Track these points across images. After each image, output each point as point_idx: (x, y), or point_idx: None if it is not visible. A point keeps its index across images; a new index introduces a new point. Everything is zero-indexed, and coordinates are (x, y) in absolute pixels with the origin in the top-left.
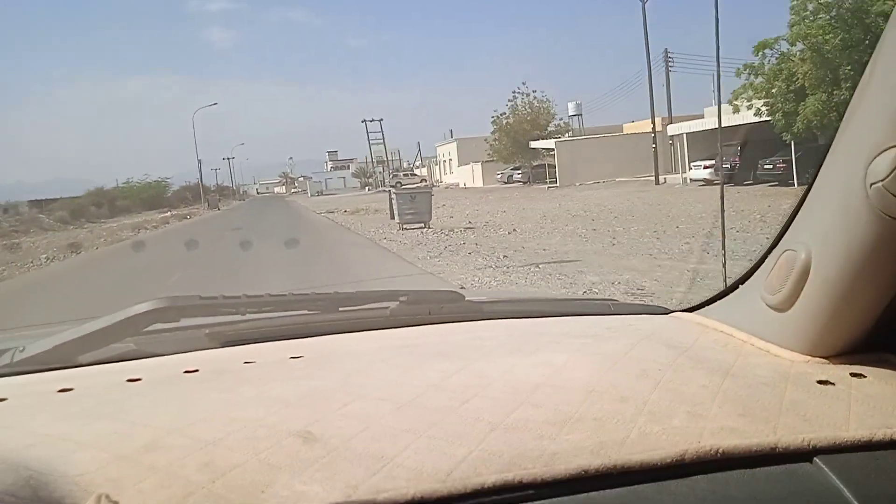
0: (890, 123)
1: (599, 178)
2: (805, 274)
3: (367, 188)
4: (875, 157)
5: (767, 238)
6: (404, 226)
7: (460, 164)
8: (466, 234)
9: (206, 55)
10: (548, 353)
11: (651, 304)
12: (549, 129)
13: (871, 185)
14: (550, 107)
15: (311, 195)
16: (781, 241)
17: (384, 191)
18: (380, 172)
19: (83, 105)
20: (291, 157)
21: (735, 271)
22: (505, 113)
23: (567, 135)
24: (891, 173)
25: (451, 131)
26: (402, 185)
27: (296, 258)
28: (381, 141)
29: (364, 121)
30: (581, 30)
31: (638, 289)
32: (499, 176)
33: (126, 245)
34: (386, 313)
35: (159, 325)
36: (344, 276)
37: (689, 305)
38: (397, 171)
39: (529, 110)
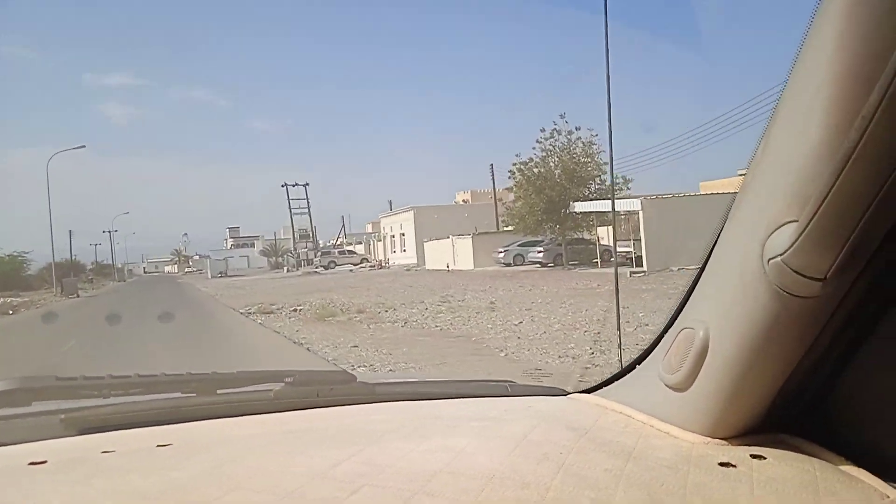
0: (786, 198)
1: None
2: (703, 352)
3: (285, 269)
4: (772, 233)
5: None
6: None
7: (420, 238)
8: None
9: (101, 130)
10: (446, 438)
11: (547, 385)
12: (591, 187)
13: (769, 260)
14: (597, 154)
15: (212, 276)
16: (678, 319)
17: (315, 271)
18: (304, 249)
19: None
20: (186, 234)
21: None
22: (532, 160)
23: (615, 196)
24: (789, 248)
25: (391, 202)
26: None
27: None
28: (307, 210)
29: (285, 185)
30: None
31: None
32: (500, 254)
33: None
34: (269, 396)
35: (7, 410)
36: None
37: (585, 387)
38: (328, 247)
39: (568, 157)
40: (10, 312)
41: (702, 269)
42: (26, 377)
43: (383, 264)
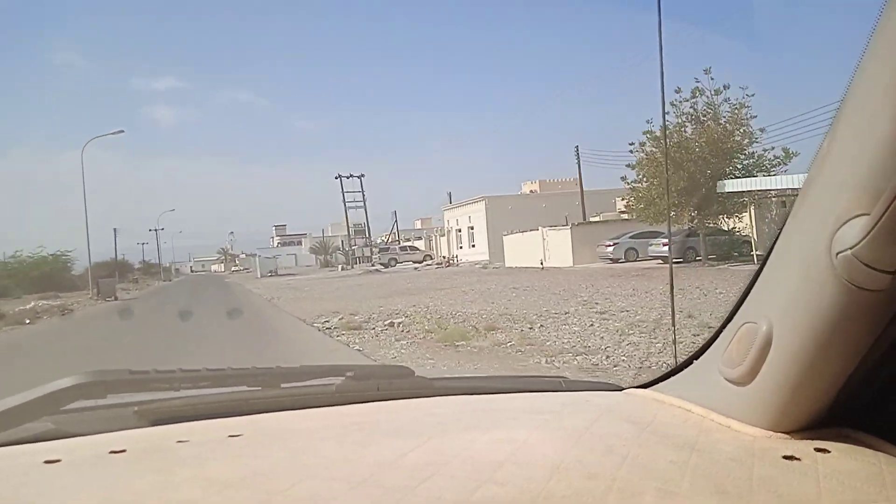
0: (856, 192)
1: None
2: (767, 346)
3: (339, 267)
4: (841, 226)
5: None
6: None
7: (493, 232)
8: None
9: (148, 132)
10: (507, 430)
11: (602, 381)
12: (738, 161)
13: (838, 253)
14: (749, 120)
15: (262, 275)
16: (738, 314)
17: (375, 270)
18: (356, 246)
19: (14, 179)
20: (232, 232)
21: None
22: (667, 128)
23: (767, 172)
24: (860, 241)
25: (451, 194)
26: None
27: None
28: (363, 203)
29: (339, 176)
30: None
31: None
32: (609, 248)
33: None
34: (331, 389)
35: (82, 403)
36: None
37: (640, 382)
38: (386, 243)
39: (715, 124)
40: (28, 322)
41: (763, 265)
42: (101, 371)
43: (451, 262)
